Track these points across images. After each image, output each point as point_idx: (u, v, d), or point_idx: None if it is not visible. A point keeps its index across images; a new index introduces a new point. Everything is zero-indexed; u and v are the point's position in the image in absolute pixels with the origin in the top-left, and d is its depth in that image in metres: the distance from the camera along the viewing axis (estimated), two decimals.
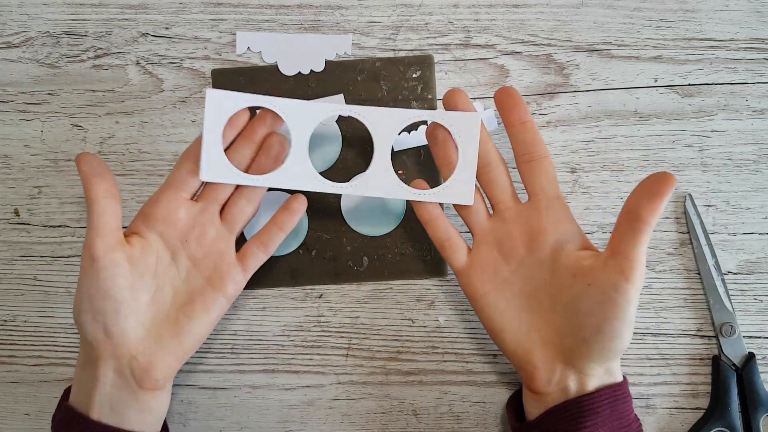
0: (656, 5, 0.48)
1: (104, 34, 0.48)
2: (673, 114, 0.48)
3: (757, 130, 0.48)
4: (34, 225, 0.48)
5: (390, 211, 0.48)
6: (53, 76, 0.48)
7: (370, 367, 0.48)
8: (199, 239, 0.42)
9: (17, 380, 0.48)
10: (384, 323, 0.48)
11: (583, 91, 0.48)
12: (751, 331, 0.47)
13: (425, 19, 0.48)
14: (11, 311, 0.48)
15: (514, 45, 0.48)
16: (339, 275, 0.48)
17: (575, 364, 0.39)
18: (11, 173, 0.48)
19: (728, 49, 0.48)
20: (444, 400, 0.47)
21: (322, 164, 0.48)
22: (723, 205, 0.48)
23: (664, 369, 0.47)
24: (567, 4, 0.48)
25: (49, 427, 0.47)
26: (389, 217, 0.48)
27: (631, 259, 0.36)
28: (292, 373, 0.48)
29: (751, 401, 0.45)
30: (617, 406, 0.39)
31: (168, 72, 0.48)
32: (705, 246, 0.47)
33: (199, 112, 0.48)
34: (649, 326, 0.48)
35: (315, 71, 0.48)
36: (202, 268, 0.42)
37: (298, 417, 0.47)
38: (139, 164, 0.48)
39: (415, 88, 0.48)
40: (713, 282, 0.47)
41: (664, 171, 0.36)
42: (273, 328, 0.48)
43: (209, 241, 0.42)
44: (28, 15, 0.49)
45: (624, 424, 0.39)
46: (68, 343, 0.48)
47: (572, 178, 0.48)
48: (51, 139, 0.48)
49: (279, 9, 0.48)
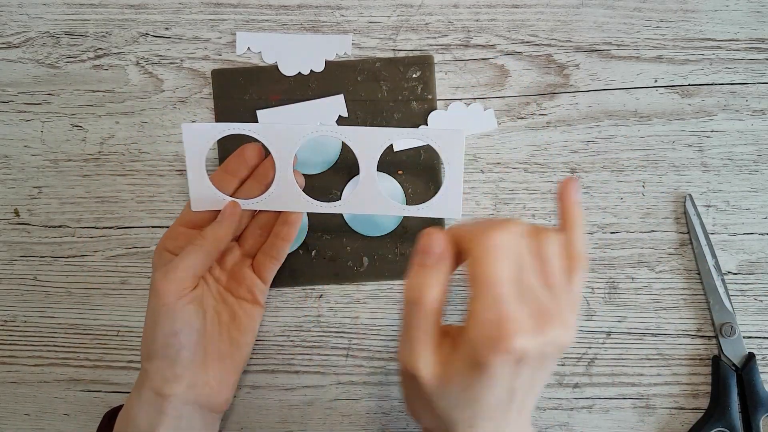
0: (656, 5, 0.48)
1: (104, 34, 0.48)
2: (673, 114, 0.48)
3: (757, 131, 0.48)
4: (34, 225, 0.48)
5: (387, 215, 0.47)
6: (53, 77, 0.48)
7: (370, 367, 0.48)
8: (221, 263, 0.45)
9: (17, 380, 0.48)
10: (384, 323, 0.48)
11: (583, 92, 0.48)
12: (751, 332, 0.47)
13: (425, 20, 0.48)
14: (11, 311, 0.48)
15: (514, 45, 0.48)
16: (339, 275, 0.48)
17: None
18: (11, 173, 0.48)
19: (728, 49, 0.48)
20: None
21: (322, 164, 0.48)
22: (723, 206, 0.48)
23: (664, 369, 0.47)
24: (567, 4, 0.48)
25: (49, 427, 0.47)
26: (389, 218, 0.48)
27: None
28: (292, 374, 0.48)
29: (751, 401, 0.45)
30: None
31: (168, 72, 0.48)
32: (705, 246, 0.47)
33: (199, 113, 0.48)
34: (649, 326, 0.48)
35: (315, 71, 0.48)
36: (229, 287, 0.45)
37: (298, 417, 0.47)
38: (140, 164, 0.48)
39: (415, 89, 0.48)
40: (713, 282, 0.47)
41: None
42: (273, 328, 0.48)
43: (229, 263, 0.45)
44: (28, 15, 0.49)
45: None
46: (68, 344, 0.48)
47: None
48: (51, 139, 0.48)
49: (279, 9, 0.48)
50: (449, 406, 0.32)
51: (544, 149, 0.48)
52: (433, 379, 0.32)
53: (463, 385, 0.31)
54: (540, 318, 0.30)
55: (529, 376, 0.31)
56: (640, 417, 0.47)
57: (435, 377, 0.32)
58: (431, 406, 0.32)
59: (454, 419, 0.32)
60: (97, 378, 0.48)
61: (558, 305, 0.31)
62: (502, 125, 0.48)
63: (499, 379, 0.30)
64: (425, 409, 0.33)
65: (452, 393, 0.31)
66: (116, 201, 0.48)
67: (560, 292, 0.32)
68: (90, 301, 0.48)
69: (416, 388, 0.33)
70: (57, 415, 0.48)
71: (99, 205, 0.48)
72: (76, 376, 0.48)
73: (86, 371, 0.48)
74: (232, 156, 0.44)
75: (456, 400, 0.31)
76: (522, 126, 0.48)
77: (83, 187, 0.48)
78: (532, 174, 0.48)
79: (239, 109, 0.48)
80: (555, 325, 0.30)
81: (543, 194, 0.48)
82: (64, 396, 0.48)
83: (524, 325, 0.29)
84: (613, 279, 0.48)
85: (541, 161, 0.48)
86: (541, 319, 0.30)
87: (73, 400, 0.48)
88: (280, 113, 0.48)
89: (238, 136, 0.42)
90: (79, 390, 0.48)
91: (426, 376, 0.32)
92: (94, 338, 0.48)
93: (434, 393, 0.32)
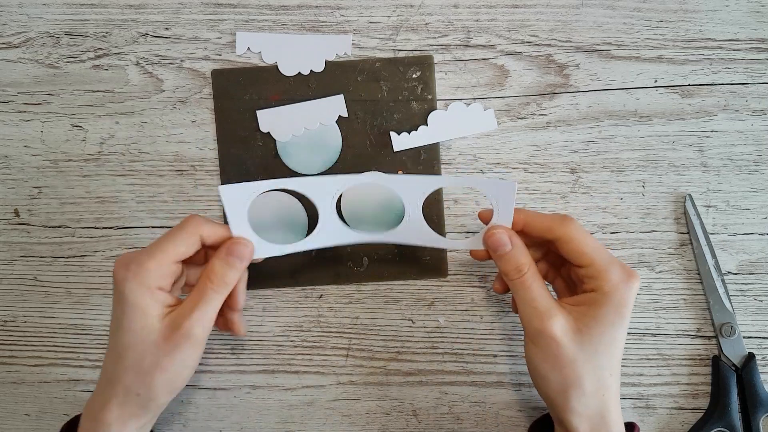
0: (656, 5, 0.48)
1: (104, 34, 0.48)
2: (673, 114, 0.48)
3: (757, 131, 0.48)
4: (34, 225, 0.48)
5: (390, 211, 0.48)
6: (53, 77, 0.48)
7: (370, 367, 0.48)
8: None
9: (17, 381, 0.48)
10: (384, 324, 0.48)
11: (583, 92, 0.48)
12: (751, 332, 0.47)
13: (425, 20, 0.48)
14: (11, 311, 0.48)
15: (514, 45, 0.48)
16: (339, 275, 0.48)
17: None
18: (11, 174, 0.48)
19: (728, 50, 0.48)
20: (444, 401, 0.47)
21: (322, 165, 0.48)
22: (723, 206, 0.48)
23: (664, 369, 0.47)
24: (567, 5, 0.48)
25: (49, 427, 0.48)
26: (389, 218, 0.48)
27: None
28: (292, 374, 0.48)
29: (751, 401, 0.45)
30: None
31: (168, 72, 0.48)
32: (705, 246, 0.47)
33: (199, 113, 0.48)
34: (649, 326, 0.48)
35: (315, 71, 0.48)
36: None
37: (298, 417, 0.47)
38: (140, 164, 0.48)
39: (414, 89, 0.48)
40: (713, 282, 0.47)
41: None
42: (273, 328, 0.48)
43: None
44: (28, 15, 0.49)
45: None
46: (68, 344, 0.48)
47: (572, 179, 0.48)
48: (51, 139, 0.48)
49: (279, 9, 0.48)
50: (590, 353, 0.38)
51: (544, 149, 0.48)
52: (569, 332, 0.38)
53: (601, 329, 0.38)
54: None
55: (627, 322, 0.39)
56: (639, 417, 0.47)
57: (571, 330, 0.38)
58: (562, 363, 0.38)
59: (596, 366, 0.38)
60: (96, 378, 0.48)
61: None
62: (502, 125, 0.48)
63: (631, 310, 0.38)
64: (554, 368, 0.38)
65: (590, 339, 0.38)
66: (116, 201, 0.48)
67: None
68: (90, 301, 0.48)
69: (546, 348, 0.38)
70: (57, 415, 0.48)
71: (99, 205, 0.48)
72: (76, 376, 0.48)
73: (86, 371, 0.48)
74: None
75: (596, 346, 0.38)
76: (522, 126, 0.48)
77: (83, 188, 0.48)
78: (532, 174, 0.48)
79: (239, 109, 0.48)
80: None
81: (543, 194, 0.48)
82: (64, 396, 0.48)
83: None
84: None
85: (541, 161, 0.48)
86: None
87: (73, 400, 0.48)
88: (280, 113, 0.48)
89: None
90: (79, 390, 0.48)
91: (561, 331, 0.38)
92: (94, 338, 0.48)
93: (573, 346, 0.38)
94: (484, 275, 0.48)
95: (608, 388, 0.39)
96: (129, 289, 0.37)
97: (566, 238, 0.39)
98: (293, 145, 0.48)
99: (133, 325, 0.37)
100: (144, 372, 0.37)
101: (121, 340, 0.38)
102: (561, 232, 0.39)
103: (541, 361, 0.39)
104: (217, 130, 0.48)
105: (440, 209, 0.48)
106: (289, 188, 0.41)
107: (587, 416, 0.38)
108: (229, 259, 0.39)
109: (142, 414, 0.38)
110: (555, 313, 0.38)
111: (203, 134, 0.48)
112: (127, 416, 0.38)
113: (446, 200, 0.48)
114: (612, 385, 0.39)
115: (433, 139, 0.48)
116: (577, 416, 0.38)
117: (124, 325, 0.37)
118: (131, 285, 0.37)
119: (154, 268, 0.38)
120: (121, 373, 0.38)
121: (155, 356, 0.37)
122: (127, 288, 0.37)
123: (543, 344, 0.38)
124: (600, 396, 0.38)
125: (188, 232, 0.39)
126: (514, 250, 0.40)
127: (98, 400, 0.38)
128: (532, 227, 0.40)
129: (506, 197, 0.40)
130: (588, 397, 0.38)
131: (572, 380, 0.38)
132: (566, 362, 0.38)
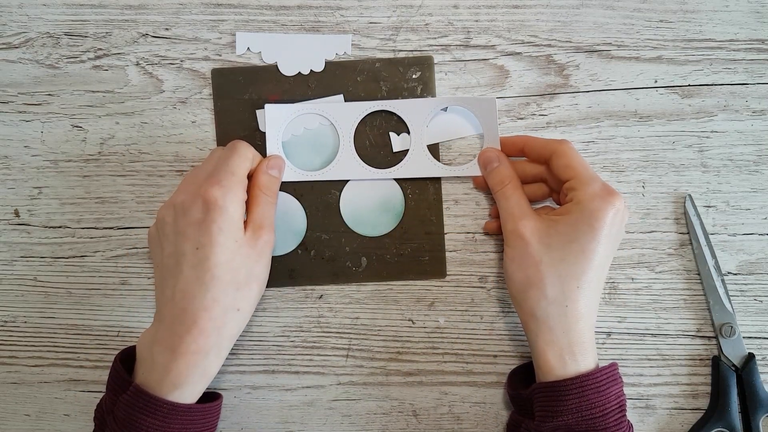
0: (656, 6, 0.48)
1: (104, 34, 0.48)
2: (673, 115, 0.48)
3: (757, 131, 0.48)
4: (34, 225, 0.48)
5: (389, 211, 0.48)
6: (53, 77, 0.48)
7: (370, 367, 0.48)
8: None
9: (18, 381, 0.48)
10: (384, 324, 0.48)
11: (583, 92, 0.48)
12: (751, 332, 0.47)
13: (425, 20, 0.48)
14: (12, 312, 0.48)
15: (514, 46, 0.48)
16: (337, 275, 0.48)
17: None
18: (11, 174, 0.48)
19: (728, 50, 0.48)
20: (444, 401, 0.47)
21: (321, 164, 0.48)
22: (723, 206, 0.48)
23: (664, 369, 0.47)
24: (567, 5, 0.48)
25: (49, 427, 0.48)
26: (388, 218, 0.48)
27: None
28: (292, 374, 0.48)
29: (751, 402, 0.45)
30: (586, 395, 0.39)
31: (168, 73, 0.48)
32: (705, 247, 0.47)
33: (199, 113, 0.48)
34: (649, 327, 0.48)
35: (315, 71, 0.48)
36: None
37: (298, 418, 0.47)
38: (140, 165, 0.48)
39: (414, 89, 0.48)
40: (713, 283, 0.47)
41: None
42: (273, 328, 0.48)
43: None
44: (28, 16, 0.49)
45: (596, 413, 0.38)
46: (68, 344, 0.48)
47: None
48: (51, 140, 0.48)
49: (279, 10, 0.48)
50: (556, 258, 0.40)
51: None
52: (537, 233, 0.41)
53: (571, 237, 0.40)
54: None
55: (615, 235, 0.41)
56: (640, 417, 0.47)
57: (540, 231, 0.41)
58: (527, 262, 0.41)
59: (562, 273, 0.40)
60: (97, 378, 0.48)
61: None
62: (503, 125, 0.48)
63: (606, 228, 0.39)
64: (520, 267, 0.41)
65: (559, 245, 0.40)
66: (116, 201, 0.48)
67: None
68: (90, 301, 0.48)
69: (515, 247, 0.41)
70: (57, 415, 0.48)
71: (99, 205, 0.48)
72: (77, 376, 0.48)
73: (86, 371, 0.48)
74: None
75: (563, 252, 0.40)
76: (522, 126, 0.48)
77: (83, 188, 0.48)
78: None
79: (239, 109, 0.48)
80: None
81: None
82: (64, 396, 0.48)
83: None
84: (613, 279, 0.48)
85: None
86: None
87: (73, 400, 0.48)
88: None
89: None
90: (79, 390, 0.48)
91: (530, 231, 0.41)
92: (94, 339, 0.48)
93: (540, 247, 0.40)
94: (484, 275, 0.48)
95: (574, 302, 0.40)
96: (230, 202, 0.39)
97: (559, 153, 0.42)
98: (293, 145, 0.48)
99: (228, 242, 0.39)
100: (242, 284, 0.40)
101: (214, 261, 0.39)
102: (555, 147, 0.43)
103: (510, 261, 0.42)
104: (217, 131, 0.48)
105: (440, 209, 0.48)
106: (319, 113, 0.47)
107: (548, 326, 0.40)
108: (273, 171, 0.44)
109: (217, 350, 0.40)
110: (527, 216, 0.42)
111: (203, 134, 0.48)
112: (209, 348, 0.39)
113: (446, 200, 0.48)
114: (579, 299, 0.40)
115: (433, 139, 0.48)
116: (536, 322, 0.40)
117: (219, 241, 0.39)
118: (231, 198, 0.40)
119: (243, 182, 0.41)
120: (219, 293, 0.39)
121: (248, 267, 0.40)
122: (227, 201, 0.39)
123: (513, 244, 0.42)
124: (562, 306, 0.39)
125: (247, 147, 0.43)
126: (500, 166, 0.45)
127: (168, 334, 0.39)
128: (531, 147, 0.45)
129: (489, 114, 0.46)
130: (549, 302, 0.40)
131: (535, 281, 0.40)
132: (531, 262, 0.40)
